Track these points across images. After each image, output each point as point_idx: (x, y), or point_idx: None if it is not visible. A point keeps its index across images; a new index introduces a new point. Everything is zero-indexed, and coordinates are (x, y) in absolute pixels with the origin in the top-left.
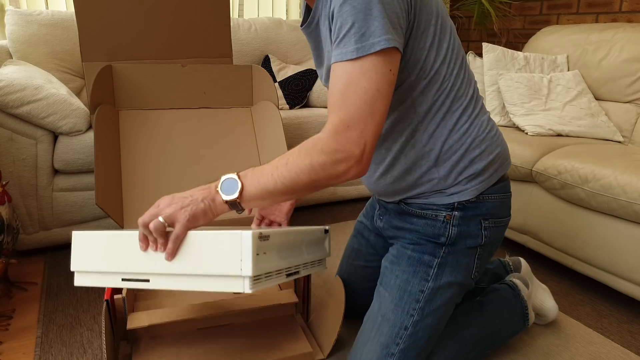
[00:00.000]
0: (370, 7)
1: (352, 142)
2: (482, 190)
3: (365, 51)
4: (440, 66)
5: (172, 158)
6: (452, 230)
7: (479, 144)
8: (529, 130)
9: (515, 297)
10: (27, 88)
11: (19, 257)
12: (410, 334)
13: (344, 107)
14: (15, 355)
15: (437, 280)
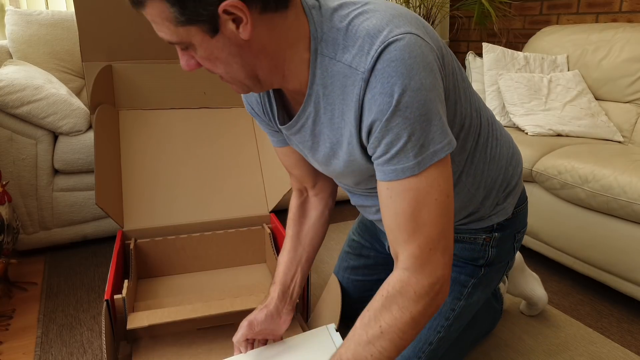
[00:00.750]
0: (425, 112)
1: (441, 265)
2: (515, 204)
3: (428, 162)
4: (467, 115)
5: (172, 158)
6: (492, 252)
7: (511, 160)
8: (529, 130)
9: (496, 297)
10: (27, 88)
11: (19, 257)
12: (434, 348)
13: (420, 229)
14: (15, 355)
15: (468, 299)
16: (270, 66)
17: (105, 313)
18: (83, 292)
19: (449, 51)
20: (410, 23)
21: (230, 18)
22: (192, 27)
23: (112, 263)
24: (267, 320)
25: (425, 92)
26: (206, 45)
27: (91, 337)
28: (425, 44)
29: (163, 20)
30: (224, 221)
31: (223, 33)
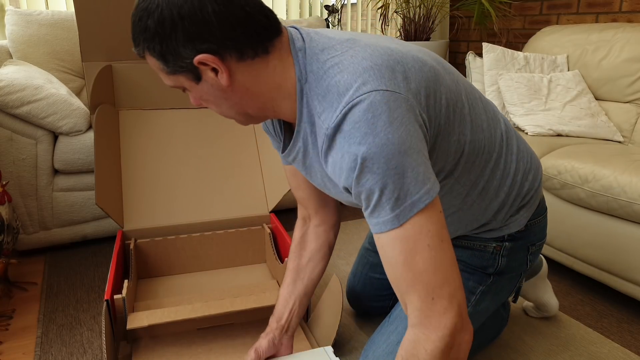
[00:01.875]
0: (395, 166)
1: (447, 313)
2: (529, 217)
3: (408, 214)
4: (470, 140)
5: (172, 158)
6: (502, 261)
7: (527, 175)
8: (529, 130)
9: (503, 305)
10: (27, 88)
11: (19, 257)
12: None
13: (418, 278)
14: (15, 355)
15: (476, 307)
16: (257, 105)
17: (105, 313)
18: (83, 292)
19: (443, 82)
20: (381, 76)
21: (209, 68)
22: (179, 75)
23: (112, 263)
24: (270, 347)
25: (391, 147)
26: (195, 90)
27: (91, 337)
28: (393, 98)
29: (158, 70)
30: (224, 221)
31: (205, 80)
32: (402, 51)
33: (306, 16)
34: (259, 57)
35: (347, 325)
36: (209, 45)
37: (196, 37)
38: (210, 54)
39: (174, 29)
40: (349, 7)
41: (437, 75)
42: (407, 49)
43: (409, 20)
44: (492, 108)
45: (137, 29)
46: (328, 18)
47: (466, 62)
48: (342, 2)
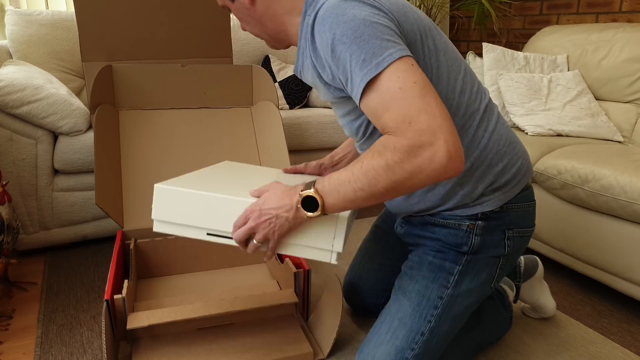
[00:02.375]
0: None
1: (422, 132)
2: (505, 201)
3: (373, 73)
4: (438, 84)
5: (172, 158)
6: (475, 240)
7: (501, 158)
8: (529, 130)
9: (504, 304)
10: (27, 88)
11: (19, 257)
12: (426, 339)
13: (394, 113)
14: (15, 355)
15: (457, 288)
16: (273, 27)
17: (105, 313)
18: (83, 292)
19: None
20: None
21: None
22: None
23: (112, 263)
24: (316, 168)
25: (358, 21)
26: (232, 8)
27: (91, 337)
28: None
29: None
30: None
31: (237, 0)
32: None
33: None
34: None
35: (347, 325)
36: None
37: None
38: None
39: None
40: None
41: (423, 21)
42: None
43: None
44: (479, 84)
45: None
46: None
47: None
48: None
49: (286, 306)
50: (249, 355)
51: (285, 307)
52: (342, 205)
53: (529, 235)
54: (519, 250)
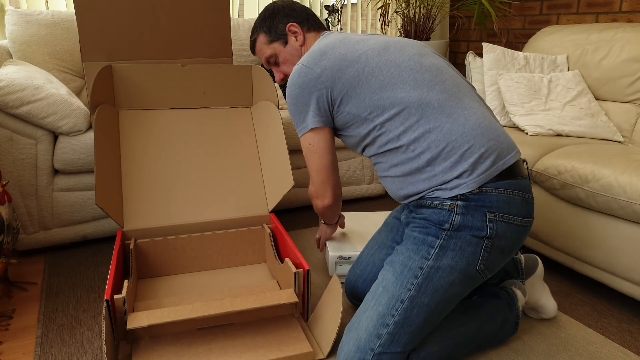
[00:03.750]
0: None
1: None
2: (482, 183)
3: (300, 134)
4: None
5: (172, 158)
6: (456, 218)
7: (467, 140)
8: (529, 130)
9: (511, 307)
10: (27, 88)
11: (19, 257)
12: (406, 308)
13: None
14: (15, 355)
15: (437, 261)
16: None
17: (105, 313)
18: (83, 292)
19: (365, 60)
20: (312, 56)
21: (292, 34)
22: (275, 42)
23: (112, 263)
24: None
25: (290, 99)
26: (283, 53)
27: (91, 337)
28: (305, 71)
29: (262, 44)
30: (224, 221)
31: (289, 43)
32: (362, 43)
33: None
34: (313, 31)
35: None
36: (294, 19)
37: (288, 15)
38: (295, 23)
39: (278, 12)
40: (349, 7)
41: (365, 56)
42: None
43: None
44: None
45: (260, 21)
46: (328, 18)
47: (466, 62)
48: (342, 2)
49: (286, 306)
50: (249, 355)
51: (285, 307)
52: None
53: (517, 224)
54: (506, 237)
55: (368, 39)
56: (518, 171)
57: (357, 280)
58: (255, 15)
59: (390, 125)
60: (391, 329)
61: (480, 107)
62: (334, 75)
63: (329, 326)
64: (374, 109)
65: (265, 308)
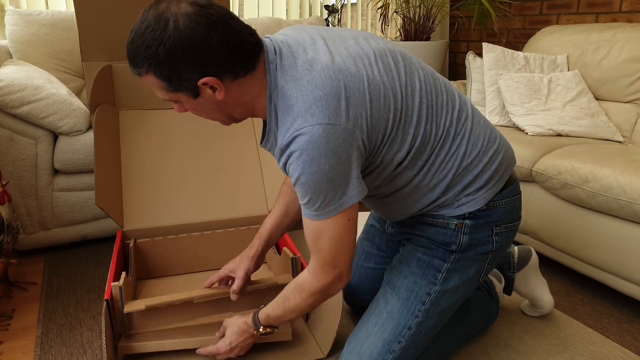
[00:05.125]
0: (320, 189)
1: (330, 275)
2: (490, 198)
3: (323, 217)
4: (416, 136)
5: (172, 158)
6: (463, 238)
7: (481, 159)
8: (529, 130)
9: (492, 295)
10: (27, 88)
11: (19, 257)
12: (413, 334)
13: (318, 251)
14: (15, 355)
15: (444, 284)
16: (243, 111)
17: (105, 313)
18: (83, 292)
19: (390, 93)
20: (327, 107)
21: (208, 86)
22: (179, 93)
23: (112, 263)
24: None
25: (321, 175)
26: (191, 103)
27: (91, 337)
28: (333, 131)
29: (156, 87)
30: (223, 221)
31: (203, 96)
32: (354, 70)
33: (306, 16)
34: (248, 74)
35: (347, 325)
36: (214, 69)
37: (203, 63)
38: (213, 77)
39: (184, 56)
40: (349, 7)
41: (386, 90)
42: (362, 62)
43: (409, 20)
44: (446, 88)
45: (144, 55)
46: (328, 18)
47: (466, 62)
48: (342, 2)
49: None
50: (249, 356)
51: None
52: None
53: (516, 228)
54: (506, 245)
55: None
56: (515, 174)
57: (354, 291)
58: (255, 15)
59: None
60: (397, 354)
61: (477, 112)
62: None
63: (329, 326)
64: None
65: (264, 289)
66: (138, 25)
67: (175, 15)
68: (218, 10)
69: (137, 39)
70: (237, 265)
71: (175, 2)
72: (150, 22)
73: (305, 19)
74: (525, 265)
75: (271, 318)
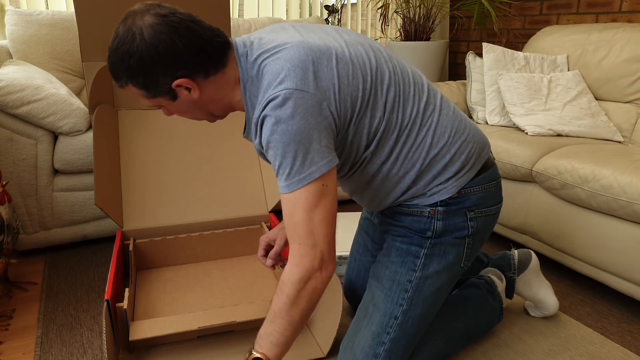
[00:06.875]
0: (289, 151)
1: (308, 257)
2: (461, 186)
3: (295, 187)
4: (383, 120)
5: (171, 158)
6: (437, 224)
7: (448, 149)
8: (529, 130)
9: (493, 295)
10: (27, 88)
11: (19, 257)
12: (400, 323)
13: (294, 231)
14: (15, 355)
15: (424, 270)
16: (221, 107)
17: (106, 313)
18: (83, 292)
19: (360, 74)
20: (294, 76)
21: (183, 88)
22: (159, 98)
23: (112, 263)
24: (275, 231)
25: (288, 136)
26: (172, 106)
27: (91, 337)
28: (300, 96)
29: (138, 95)
30: (223, 221)
31: (180, 97)
32: (324, 47)
33: (306, 16)
34: (219, 71)
35: (347, 325)
36: (183, 71)
37: (172, 67)
38: (184, 78)
39: (154, 64)
40: (349, 7)
41: (355, 70)
42: (332, 43)
43: (409, 20)
44: (415, 78)
45: (120, 68)
46: (328, 18)
47: (466, 62)
48: (342, 2)
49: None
50: None
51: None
52: (283, 350)
53: (494, 213)
54: (485, 229)
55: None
56: (490, 161)
57: (354, 286)
58: (255, 15)
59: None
60: (388, 345)
61: (446, 104)
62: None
63: (329, 326)
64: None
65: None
66: (112, 41)
67: (140, 28)
68: (180, 17)
69: (113, 54)
70: (277, 234)
71: (140, 16)
72: (121, 38)
73: (305, 19)
74: (525, 268)
75: (261, 337)
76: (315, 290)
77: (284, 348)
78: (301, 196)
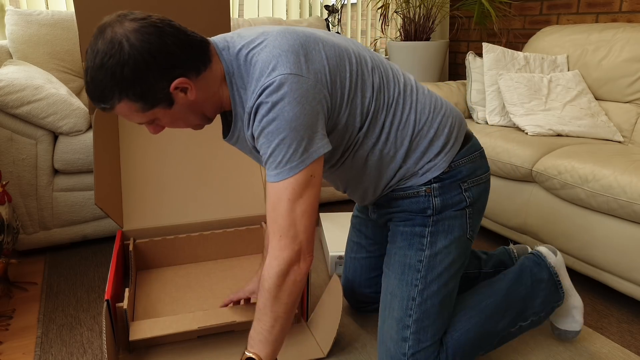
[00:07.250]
0: (282, 139)
1: (288, 250)
2: (450, 160)
3: (284, 175)
4: (372, 106)
5: (171, 157)
6: (436, 201)
7: (431, 124)
8: (529, 130)
9: (538, 265)
10: (27, 88)
11: (19, 257)
12: (419, 303)
13: (275, 223)
14: (15, 355)
15: (432, 248)
16: (213, 105)
17: (106, 313)
18: (83, 292)
19: (346, 57)
20: (287, 61)
21: (179, 90)
22: (156, 108)
23: (112, 263)
24: (255, 282)
25: (283, 123)
26: (168, 115)
27: (91, 337)
28: (296, 81)
29: (131, 112)
30: (222, 221)
31: (177, 102)
32: (308, 32)
33: (306, 16)
34: (207, 67)
35: (347, 325)
36: (179, 70)
37: (168, 68)
38: (181, 77)
39: (150, 68)
40: (349, 7)
41: (340, 52)
42: (313, 31)
43: (409, 20)
44: (394, 69)
45: (110, 85)
46: (328, 18)
47: (466, 62)
48: (342, 2)
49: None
50: None
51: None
52: (274, 348)
53: (485, 180)
54: (480, 198)
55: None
56: (470, 134)
57: (351, 285)
58: (255, 15)
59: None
60: (413, 328)
61: (420, 86)
62: (332, 84)
63: (329, 326)
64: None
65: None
66: (91, 61)
67: (124, 35)
68: (159, 17)
69: (97, 73)
70: (257, 286)
71: (118, 25)
72: (105, 52)
73: (305, 19)
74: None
75: (251, 336)
76: (295, 283)
77: (275, 345)
78: (288, 186)
